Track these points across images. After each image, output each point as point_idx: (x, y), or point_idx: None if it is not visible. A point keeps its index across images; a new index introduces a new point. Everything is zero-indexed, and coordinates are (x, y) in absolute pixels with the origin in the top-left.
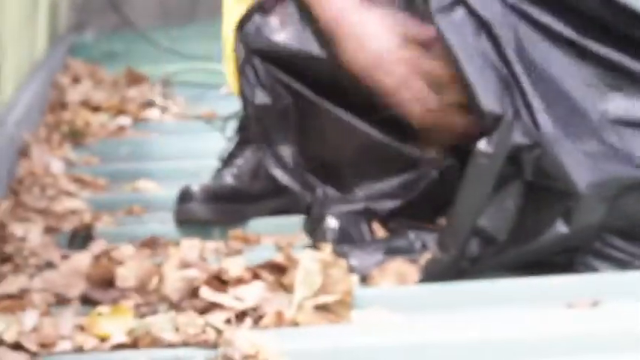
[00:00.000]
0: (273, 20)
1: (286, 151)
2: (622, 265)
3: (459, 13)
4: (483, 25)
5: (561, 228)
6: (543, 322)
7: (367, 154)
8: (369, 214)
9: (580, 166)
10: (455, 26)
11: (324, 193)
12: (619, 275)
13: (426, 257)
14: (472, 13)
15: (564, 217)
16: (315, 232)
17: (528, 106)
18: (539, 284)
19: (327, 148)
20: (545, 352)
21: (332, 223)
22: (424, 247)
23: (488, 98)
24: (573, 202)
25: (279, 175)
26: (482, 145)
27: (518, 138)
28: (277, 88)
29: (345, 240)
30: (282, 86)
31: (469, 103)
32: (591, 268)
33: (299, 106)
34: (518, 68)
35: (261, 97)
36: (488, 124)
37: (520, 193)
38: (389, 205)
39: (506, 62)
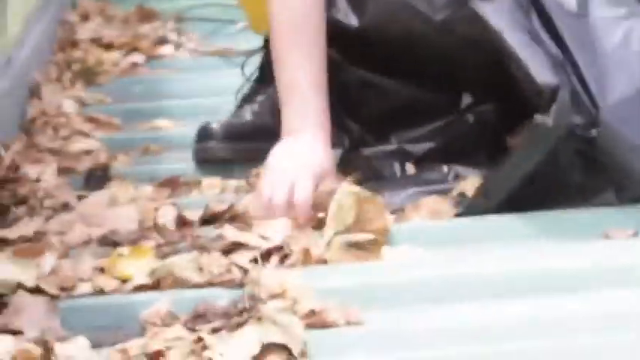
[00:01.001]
0: None
1: None
2: None
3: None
4: (534, 4)
5: (611, 198)
6: (579, 254)
7: (399, 107)
8: (402, 155)
9: (637, 152)
10: (499, 10)
11: (358, 132)
12: None
13: (460, 190)
14: None
15: (616, 191)
16: (347, 169)
17: (584, 85)
18: (575, 217)
19: (357, 103)
20: (582, 283)
21: (363, 161)
22: (457, 177)
23: (543, 72)
24: (628, 182)
25: None
26: (540, 117)
27: (576, 117)
28: None
29: (378, 178)
30: None
31: (523, 82)
32: None
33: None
34: (572, 45)
35: None
36: (545, 98)
37: (572, 155)
38: (423, 147)
39: (558, 39)
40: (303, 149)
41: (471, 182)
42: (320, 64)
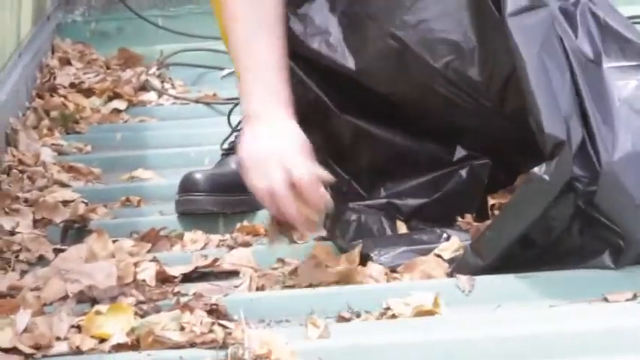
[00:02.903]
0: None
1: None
2: None
3: (538, 16)
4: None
5: (607, 261)
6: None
7: (392, 158)
8: (391, 210)
9: (637, 213)
10: (528, 35)
11: (346, 186)
12: None
13: (451, 249)
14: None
15: (612, 254)
16: (333, 225)
17: (592, 137)
18: (571, 278)
19: (349, 151)
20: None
21: (352, 216)
22: (449, 238)
23: (553, 122)
24: (625, 245)
25: None
26: (539, 170)
27: (578, 169)
28: (300, 87)
29: (365, 235)
30: (304, 87)
31: (532, 123)
32: None
33: (320, 109)
34: (586, 93)
35: None
36: (548, 149)
37: (570, 213)
38: (413, 202)
39: (576, 83)
40: (276, 128)
41: (460, 241)
42: (278, 46)
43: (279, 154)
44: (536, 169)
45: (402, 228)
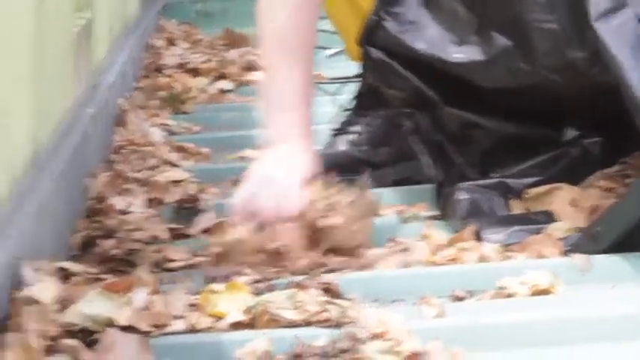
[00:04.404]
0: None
1: (421, 123)
2: None
3: (623, 16)
4: None
5: None
6: None
7: (502, 144)
8: (503, 189)
9: None
10: (617, 33)
11: (459, 166)
12: None
13: (563, 230)
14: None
15: None
16: (444, 205)
17: None
18: None
19: (457, 140)
20: None
21: (464, 196)
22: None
23: None
24: None
25: (413, 142)
26: None
27: None
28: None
29: (477, 214)
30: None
31: (635, 118)
32: None
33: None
34: None
35: (386, 89)
36: None
37: None
38: (525, 181)
39: None
40: (291, 157)
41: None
42: (307, 76)
43: (284, 184)
44: None
45: (515, 208)
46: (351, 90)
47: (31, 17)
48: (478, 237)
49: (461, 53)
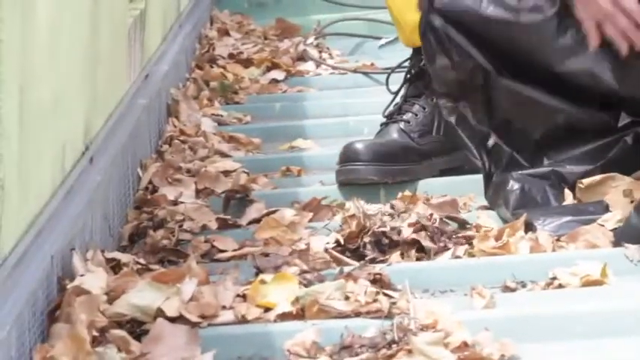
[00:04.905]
0: None
1: (469, 112)
2: None
3: None
4: None
5: None
6: None
7: (554, 127)
8: (555, 179)
9: None
10: None
11: (509, 155)
12: None
13: (614, 221)
14: None
15: None
16: (495, 194)
17: None
18: None
19: (510, 121)
20: None
21: (515, 186)
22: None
23: None
24: None
25: (462, 132)
26: None
27: None
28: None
29: (529, 204)
30: (463, 52)
31: None
32: None
33: (480, 77)
34: None
35: (442, 60)
36: None
37: None
38: (578, 169)
39: None
40: None
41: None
42: None
43: None
44: None
45: (568, 198)
46: (401, 80)
47: (86, 8)
48: (529, 227)
49: (533, 13)
